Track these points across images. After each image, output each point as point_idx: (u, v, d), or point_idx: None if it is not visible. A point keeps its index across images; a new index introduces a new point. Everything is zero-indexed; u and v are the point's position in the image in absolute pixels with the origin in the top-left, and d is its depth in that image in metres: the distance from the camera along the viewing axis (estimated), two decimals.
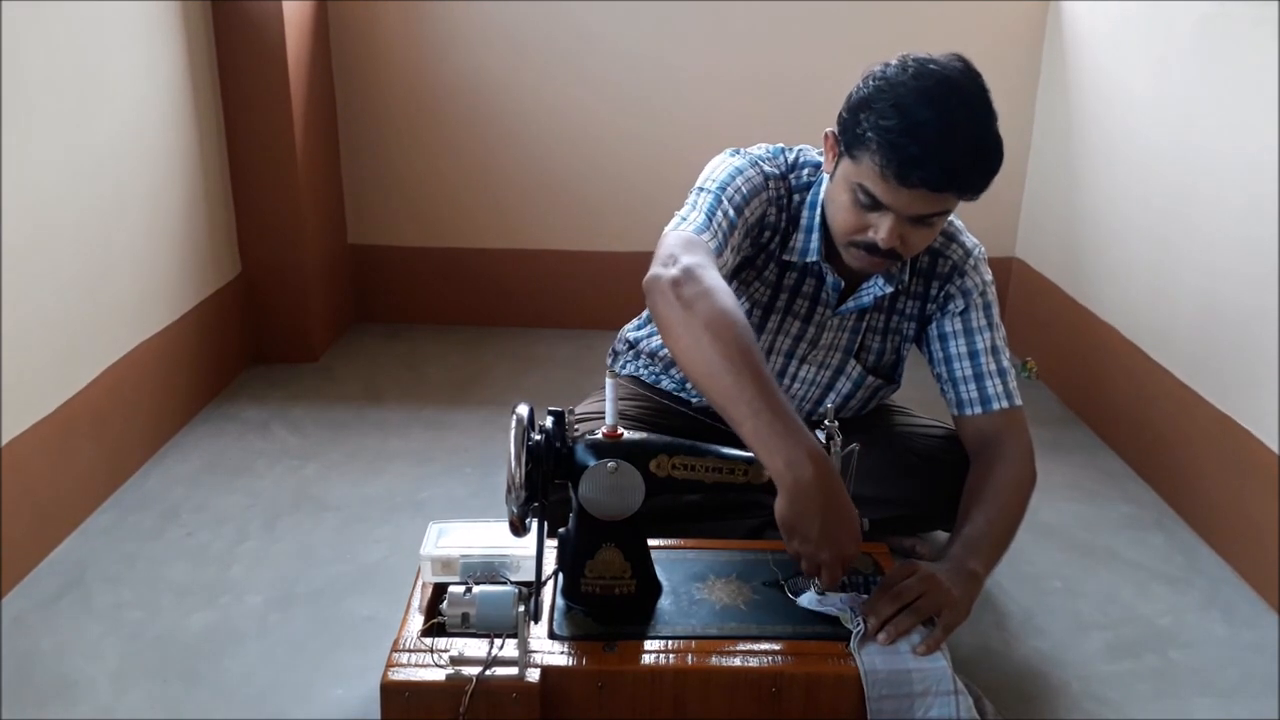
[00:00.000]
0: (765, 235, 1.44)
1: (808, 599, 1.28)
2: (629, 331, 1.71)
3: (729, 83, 2.68)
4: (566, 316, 2.88)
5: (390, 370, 2.59)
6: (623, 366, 1.72)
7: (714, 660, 1.18)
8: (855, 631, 1.21)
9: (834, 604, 1.26)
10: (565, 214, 2.80)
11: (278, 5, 2.32)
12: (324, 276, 2.66)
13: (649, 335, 1.67)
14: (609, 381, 1.22)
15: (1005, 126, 1.30)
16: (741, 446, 1.27)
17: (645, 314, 1.68)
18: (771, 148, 1.47)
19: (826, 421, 1.23)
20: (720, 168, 1.41)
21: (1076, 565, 1.78)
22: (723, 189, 1.37)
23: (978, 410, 1.46)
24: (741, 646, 1.21)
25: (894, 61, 1.28)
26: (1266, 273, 1.70)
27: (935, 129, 1.22)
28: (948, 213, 1.32)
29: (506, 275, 2.87)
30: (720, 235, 1.33)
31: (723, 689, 1.18)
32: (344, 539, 1.81)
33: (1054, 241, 2.62)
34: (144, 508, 1.89)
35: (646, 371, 1.68)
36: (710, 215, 1.34)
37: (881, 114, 1.24)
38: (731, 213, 1.36)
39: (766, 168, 1.43)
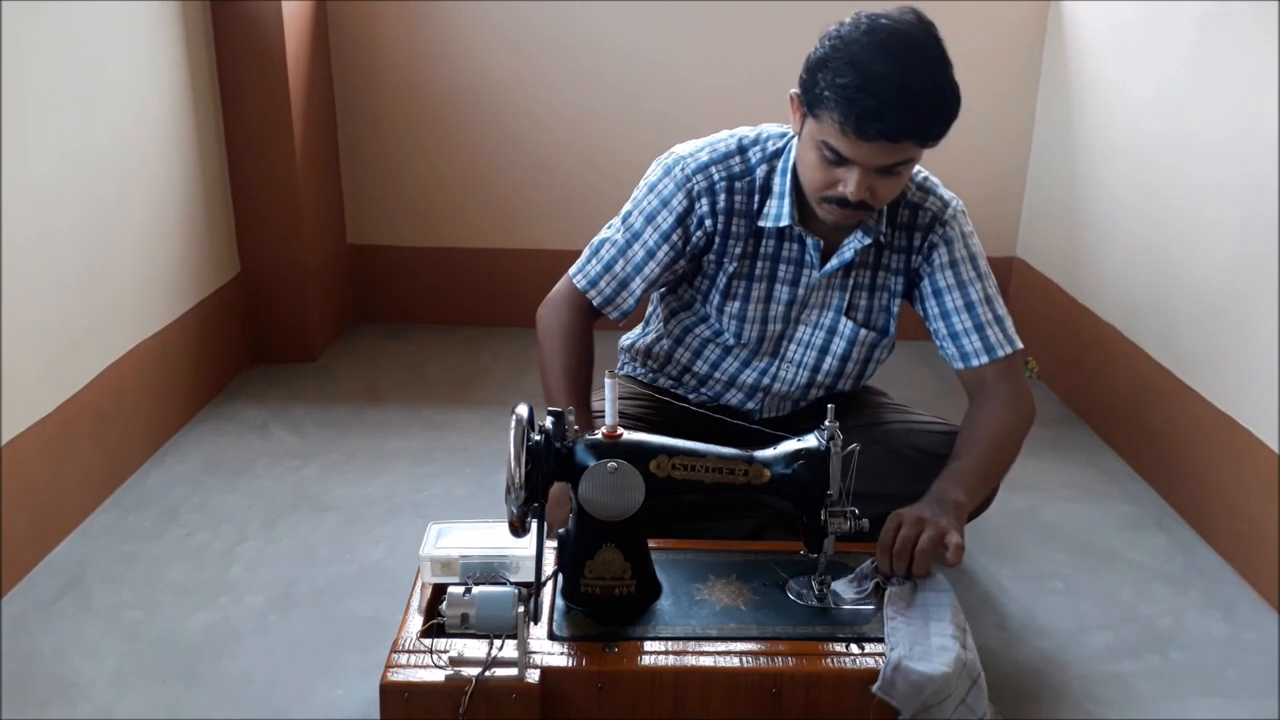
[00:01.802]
0: (709, 223, 1.49)
1: (842, 586, 1.31)
2: (623, 341, 1.73)
3: (729, 83, 2.68)
4: None
5: (390, 370, 2.59)
6: (620, 368, 1.73)
7: (714, 660, 1.18)
8: (887, 604, 1.26)
9: (853, 596, 1.30)
10: (565, 214, 2.80)
11: (277, 5, 2.32)
12: (323, 276, 2.65)
13: (641, 335, 1.69)
14: (609, 382, 1.22)
15: (1006, 127, 1.31)
16: (739, 445, 1.27)
17: (642, 323, 1.72)
18: (727, 135, 1.52)
19: (827, 421, 1.24)
20: (635, 194, 1.54)
21: (1077, 565, 1.78)
22: (626, 218, 1.54)
23: (984, 360, 1.50)
24: (741, 646, 1.20)
25: (848, 20, 1.33)
26: (1267, 272, 1.70)
27: (889, 81, 1.26)
28: (913, 161, 1.36)
29: (506, 275, 2.87)
30: (614, 268, 1.53)
31: (723, 689, 1.17)
32: (344, 539, 1.81)
33: (1054, 241, 2.62)
34: (144, 508, 1.89)
35: (643, 370, 1.70)
36: (606, 261, 1.54)
37: (838, 71, 1.29)
38: (635, 233, 1.52)
39: (693, 163, 1.49)
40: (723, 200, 1.48)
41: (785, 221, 1.46)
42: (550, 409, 1.24)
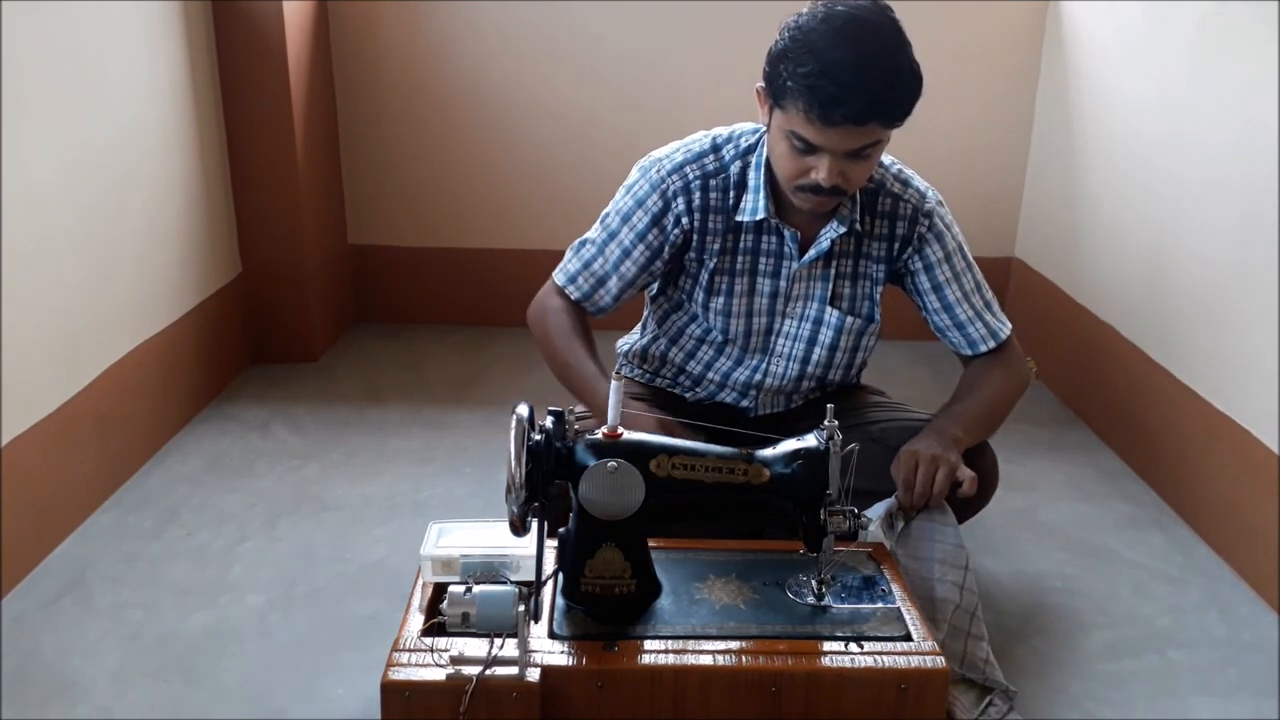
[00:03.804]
0: (686, 221, 1.52)
1: (879, 531, 1.41)
2: (620, 345, 1.75)
3: (728, 83, 2.67)
4: None
5: (390, 370, 2.59)
6: (618, 370, 1.74)
7: (714, 660, 1.19)
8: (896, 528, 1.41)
9: (892, 540, 1.41)
10: (565, 214, 2.79)
11: (278, 5, 2.32)
12: (324, 276, 2.66)
13: (639, 338, 1.71)
14: (614, 384, 1.22)
15: (1005, 127, 1.32)
16: (737, 444, 1.28)
17: (637, 326, 1.73)
18: (701, 135, 1.56)
19: (826, 421, 1.24)
20: (615, 196, 1.57)
21: (1076, 565, 1.79)
22: (604, 219, 1.57)
23: (990, 344, 1.58)
24: (741, 645, 1.21)
25: (805, 10, 1.36)
26: (1265, 272, 1.71)
27: (849, 66, 1.29)
28: (882, 143, 1.39)
29: (506, 275, 2.87)
30: (598, 264, 1.56)
31: (723, 689, 1.18)
32: (344, 539, 1.81)
33: (1053, 242, 2.62)
34: (145, 507, 1.89)
35: (639, 372, 1.71)
36: (585, 259, 1.57)
37: (799, 61, 1.32)
38: (612, 232, 1.55)
39: (668, 164, 1.53)
40: (698, 198, 1.51)
41: (761, 215, 1.49)
42: (551, 409, 1.24)
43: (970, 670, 1.33)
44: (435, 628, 1.22)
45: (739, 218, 1.51)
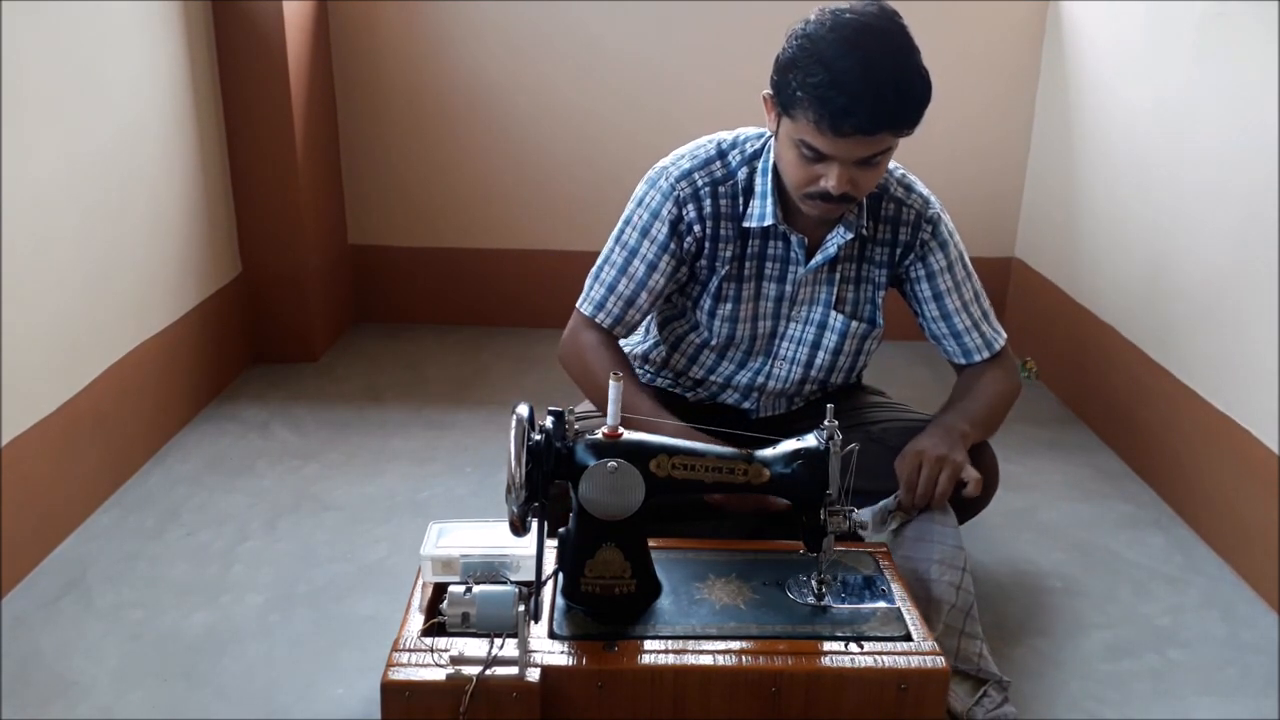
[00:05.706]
0: (698, 229, 1.51)
1: (872, 531, 1.44)
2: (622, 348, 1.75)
3: (729, 84, 2.68)
4: (565, 316, 2.86)
5: (390, 370, 2.59)
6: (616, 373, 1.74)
7: (714, 660, 1.19)
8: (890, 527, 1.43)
9: (885, 536, 1.44)
10: (565, 214, 2.80)
11: (278, 5, 2.32)
12: (324, 276, 2.66)
13: (641, 340, 1.71)
14: (613, 384, 1.22)
15: (1005, 127, 1.32)
16: (737, 444, 1.28)
17: (640, 328, 1.72)
18: (705, 141, 1.55)
19: (826, 421, 1.24)
20: (625, 213, 1.56)
21: (1076, 565, 1.79)
22: (619, 238, 1.56)
23: (985, 355, 1.59)
24: (741, 645, 1.21)
25: (813, 17, 1.35)
26: (1265, 272, 1.71)
27: (858, 76, 1.28)
28: (891, 150, 1.38)
29: (506, 275, 2.87)
30: (622, 285, 1.55)
31: (723, 689, 1.18)
32: (344, 539, 1.81)
33: (1053, 241, 2.62)
34: (145, 507, 1.89)
35: (641, 373, 1.71)
36: (609, 283, 1.55)
37: (808, 71, 1.31)
38: (632, 249, 1.54)
39: (676, 171, 1.52)
40: (708, 205, 1.50)
41: (769, 221, 1.49)
42: (551, 409, 1.24)
43: (964, 663, 1.34)
44: (435, 628, 1.22)
45: (747, 224, 1.51)
